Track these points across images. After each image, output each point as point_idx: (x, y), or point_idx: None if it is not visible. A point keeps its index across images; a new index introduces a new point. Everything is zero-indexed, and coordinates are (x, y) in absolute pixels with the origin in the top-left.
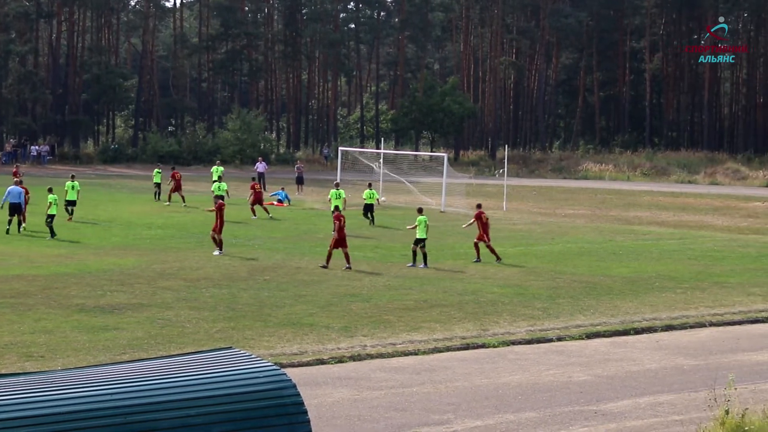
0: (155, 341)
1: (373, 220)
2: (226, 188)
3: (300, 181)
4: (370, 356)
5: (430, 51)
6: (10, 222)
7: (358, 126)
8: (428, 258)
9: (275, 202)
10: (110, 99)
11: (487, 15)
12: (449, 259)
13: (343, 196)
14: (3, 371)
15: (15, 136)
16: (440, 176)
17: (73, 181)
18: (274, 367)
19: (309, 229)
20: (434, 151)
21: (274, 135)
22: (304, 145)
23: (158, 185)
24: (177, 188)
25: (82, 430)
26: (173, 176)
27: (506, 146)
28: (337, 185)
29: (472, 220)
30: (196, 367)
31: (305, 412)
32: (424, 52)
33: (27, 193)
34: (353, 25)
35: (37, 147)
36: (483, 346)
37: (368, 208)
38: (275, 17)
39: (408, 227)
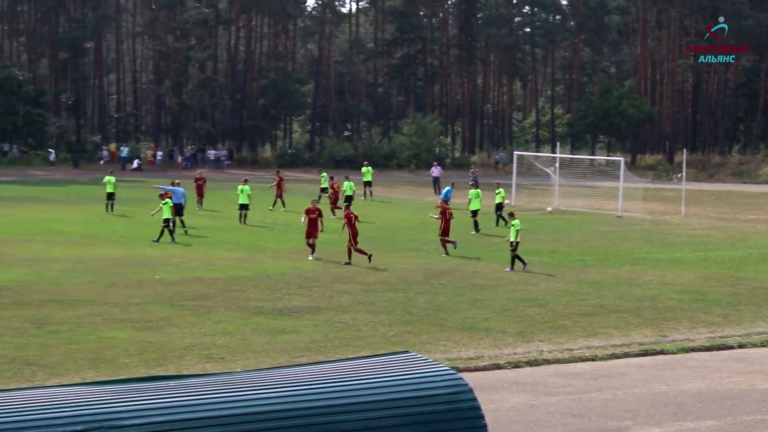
0: (332, 344)
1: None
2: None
3: (475, 185)
4: (547, 361)
5: (606, 54)
6: (174, 223)
7: (534, 130)
8: (524, 259)
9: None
10: (287, 104)
11: (664, 17)
12: (626, 265)
13: (481, 195)
14: (185, 372)
15: (195, 141)
16: (617, 181)
17: (244, 185)
18: (451, 371)
19: (484, 233)
20: (611, 155)
21: (449, 139)
22: (479, 150)
23: (325, 190)
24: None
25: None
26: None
27: (684, 150)
28: (474, 185)
29: (437, 216)
30: (374, 370)
31: (482, 417)
32: (600, 56)
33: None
34: (528, 29)
35: (215, 151)
36: (661, 352)
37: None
38: (450, 21)
39: (506, 239)
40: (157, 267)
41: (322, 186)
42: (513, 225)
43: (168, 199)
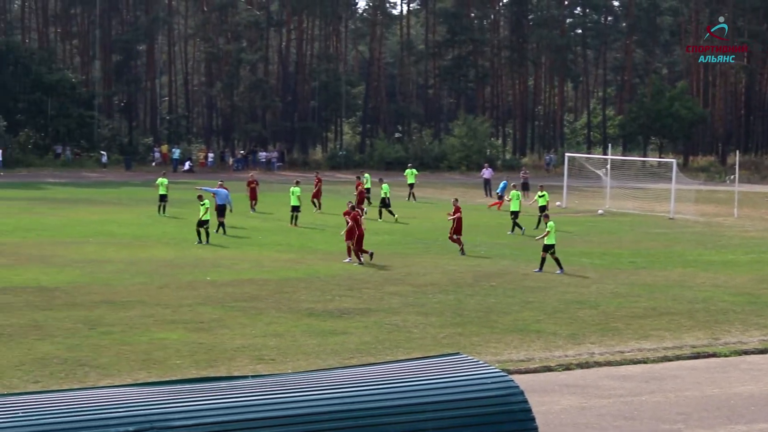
0: (383, 346)
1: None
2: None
3: (525, 187)
4: (598, 364)
5: (658, 55)
6: (220, 224)
7: (585, 132)
8: (543, 265)
9: (497, 200)
10: (338, 106)
11: (716, 18)
12: (678, 267)
13: (521, 198)
14: (235, 373)
15: (246, 143)
16: (669, 182)
17: (296, 187)
18: (502, 373)
19: (534, 235)
20: (662, 157)
21: (499, 141)
22: (531, 151)
23: (369, 190)
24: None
25: None
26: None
27: (737, 151)
28: (516, 186)
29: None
30: (425, 372)
31: (533, 419)
32: (652, 57)
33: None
34: (580, 30)
35: (266, 153)
36: (714, 355)
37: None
38: (501, 23)
39: (537, 238)
40: (208, 268)
41: (366, 186)
42: (549, 227)
43: (206, 201)
